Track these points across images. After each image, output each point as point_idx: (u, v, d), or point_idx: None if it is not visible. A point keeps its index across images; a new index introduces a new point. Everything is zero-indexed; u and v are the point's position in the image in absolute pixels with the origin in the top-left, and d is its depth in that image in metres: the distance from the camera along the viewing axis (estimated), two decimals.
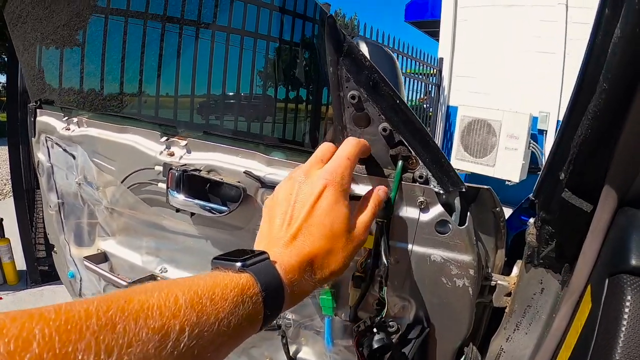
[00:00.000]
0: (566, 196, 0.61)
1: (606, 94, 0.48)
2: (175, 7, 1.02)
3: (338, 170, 0.63)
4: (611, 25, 0.45)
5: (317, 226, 0.59)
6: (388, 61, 0.85)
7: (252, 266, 0.50)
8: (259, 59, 0.99)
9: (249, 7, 0.94)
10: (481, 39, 6.83)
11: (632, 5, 0.41)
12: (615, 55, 0.45)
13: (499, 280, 0.81)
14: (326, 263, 0.59)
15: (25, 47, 1.45)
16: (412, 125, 0.68)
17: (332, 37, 0.67)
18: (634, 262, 0.50)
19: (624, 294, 0.48)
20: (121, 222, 1.28)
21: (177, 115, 1.10)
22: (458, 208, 0.74)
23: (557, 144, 0.61)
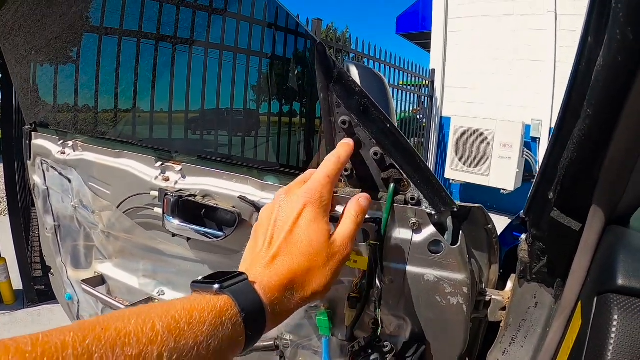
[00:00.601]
0: (555, 215, 0.63)
1: (590, 119, 0.50)
2: (169, 28, 1.03)
3: (317, 188, 0.63)
4: (594, 53, 0.46)
5: (296, 244, 0.59)
6: (378, 84, 0.86)
7: (230, 287, 0.49)
8: (253, 85, 1.01)
9: (242, 36, 0.95)
10: (472, 50, 6.91)
11: (614, 35, 0.42)
12: (598, 82, 0.47)
13: (493, 295, 0.82)
14: (307, 281, 0.58)
15: (18, 62, 1.45)
16: (403, 148, 0.69)
17: (322, 64, 0.68)
18: (621, 282, 0.51)
19: (611, 314, 0.49)
20: (118, 245, 1.28)
21: (172, 140, 1.11)
22: (450, 227, 0.75)
23: (545, 165, 0.62)
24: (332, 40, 5.57)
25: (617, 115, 0.48)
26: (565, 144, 0.55)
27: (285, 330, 0.97)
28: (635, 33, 0.41)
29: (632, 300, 0.50)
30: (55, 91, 1.40)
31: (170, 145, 1.09)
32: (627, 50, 0.42)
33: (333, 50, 5.43)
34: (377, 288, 0.72)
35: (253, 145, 1.06)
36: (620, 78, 0.45)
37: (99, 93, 1.25)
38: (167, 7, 1.01)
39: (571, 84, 0.53)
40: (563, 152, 0.56)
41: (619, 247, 0.56)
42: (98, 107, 1.27)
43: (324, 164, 0.67)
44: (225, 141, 1.09)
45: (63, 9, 1.19)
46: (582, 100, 0.50)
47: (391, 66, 6.52)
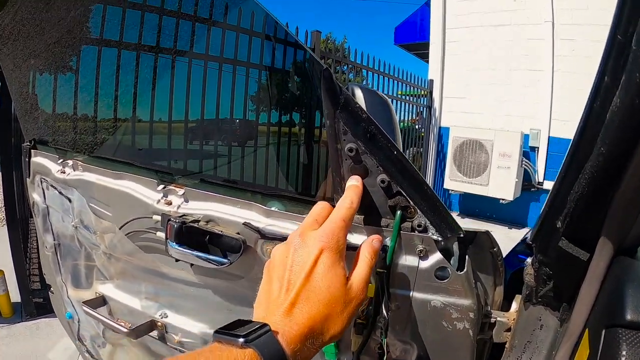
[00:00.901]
0: (563, 245, 0.63)
1: (603, 157, 0.50)
2: (171, 42, 1.03)
3: (334, 232, 0.62)
4: (610, 93, 0.47)
5: (315, 291, 0.59)
6: (383, 107, 0.86)
7: (255, 341, 0.49)
8: (257, 110, 1.01)
9: (252, 63, 0.96)
10: (470, 60, 6.95)
11: (633, 78, 0.42)
12: (613, 122, 0.47)
13: (498, 317, 0.81)
14: (326, 328, 0.58)
15: (16, 74, 1.44)
16: (410, 176, 0.69)
17: (328, 90, 0.68)
18: (629, 317, 0.51)
19: (619, 349, 0.49)
20: (119, 266, 1.27)
21: (174, 163, 1.11)
22: (457, 253, 0.75)
23: (554, 196, 0.62)
24: (330, 51, 5.57)
25: (630, 153, 0.48)
26: (575, 178, 0.56)
27: None
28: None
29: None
30: (54, 108, 1.40)
31: (172, 168, 1.08)
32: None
33: (331, 62, 5.44)
34: (384, 318, 0.72)
35: (257, 169, 1.05)
36: (636, 120, 0.45)
37: (98, 112, 1.25)
38: (167, 20, 1.01)
39: (584, 121, 0.53)
40: (573, 186, 0.57)
41: (628, 279, 0.56)
42: (98, 126, 1.26)
43: (337, 208, 0.67)
44: (229, 165, 1.08)
45: (61, 13, 1.19)
46: (595, 138, 0.50)
47: (389, 77, 6.54)
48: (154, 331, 1.19)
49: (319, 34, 5.02)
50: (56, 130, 1.40)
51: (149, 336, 1.21)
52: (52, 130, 1.42)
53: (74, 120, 1.33)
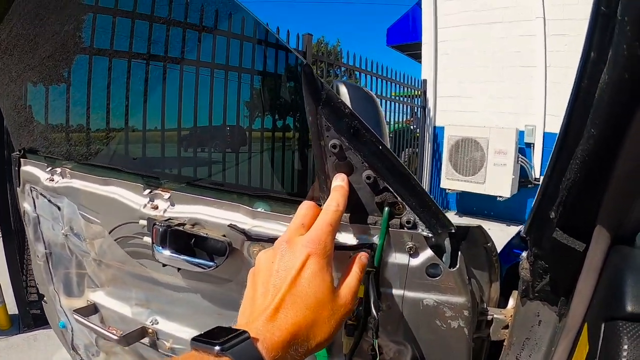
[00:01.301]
0: (557, 236, 0.61)
1: (594, 139, 0.48)
2: (158, 54, 1.02)
3: (321, 238, 0.61)
4: (597, 69, 0.44)
5: (301, 297, 0.57)
6: (369, 103, 0.85)
7: (232, 348, 0.47)
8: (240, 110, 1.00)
9: (232, 60, 0.94)
10: (463, 58, 6.97)
11: (620, 51, 0.40)
12: (602, 101, 0.45)
13: (495, 314, 0.80)
14: (312, 335, 0.56)
15: (5, 87, 1.44)
16: (397, 171, 0.67)
17: (309, 86, 0.66)
18: (630, 308, 0.49)
19: (620, 342, 0.47)
20: (110, 273, 1.26)
21: (160, 167, 1.09)
22: (448, 249, 0.73)
23: (546, 185, 0.60)
24: (323, 54, 5.58)
25: (623, 134, 0.46)
26: (567, 164, 0.53)
27: None
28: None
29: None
30: (42, 116, 1.39)
31: (158, 172, 1.07)
32: (634, 66, 0.40)
33: (324, 64, 5.44)
34: (373, 317, 0.69)
35: (243, 170, 1.04)
36: (627, 96, 0.43)
37: (85, 120, 1.24)
38: (157, 29, 1.00)
39: (572, 103, 0.50)
40: (565, 173, 0.54)
41: (626, 269, 0.54)
42: (85, 133, 1.26)
43: (324, 212, 0.65)
44: (214, 167, 1.07)
45: (55, 27, 1.18)
46: (585, 120, 0.48)
47: (383, 78, 6.55)
48: (145, 338, 1.17)
49: (310, 37, 5.02)
50: (45, 139, 1.39)
51: (141, 343, 1.19)
52: (41, 138, 1.41)
53: (63, 129, 1.33)
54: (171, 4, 0.97)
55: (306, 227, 0.64)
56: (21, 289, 3.32)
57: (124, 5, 1.05)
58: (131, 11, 1.04)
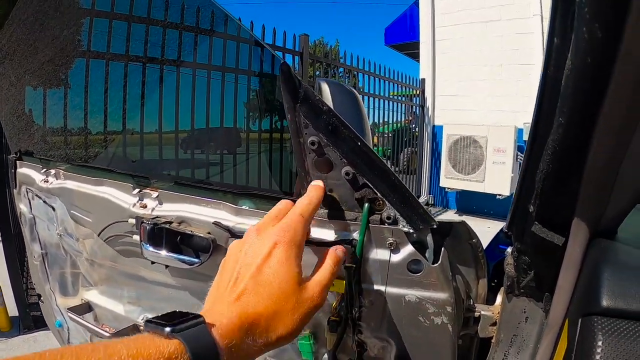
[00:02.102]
0: (536, 229, 0.60)
1: (563, 128, 0.46)
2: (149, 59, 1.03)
3: (290, 226, 0.60)
4: (562, 56, 0.43)
5: (263, 285, 0.56)
6: (350, 99, 0.85)
7: (184, 331, 0.45)
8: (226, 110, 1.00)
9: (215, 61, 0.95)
10: (461, 57, 6.97)
11: (581, 35, 0.38)
12: (568, 88, 0.43)
13: (482, 310, 0.80)
14: (272, 326, 0.55)
15: (11, 86, 1.45)
16: (376, 167, 0.67)
17: (287, 84, 0.66)
18: (605, 303, 0.48)
19: (595, 339, 0.46)
20: (102, 272, 1.27)
21: (148, 167, 1.10)
22: (431, 245, 0.73)
23: (522, 178, 0.59)
24: (320, 54, 5.60)
25: (592, 122, 0.44)
26: (540, 155, 0.52)
27: (269, 355, 0.94)
28: (604, 30, 0.37)
29: (618, 323, 0.47)
30: (38, 119, 1.41)
31: (147, 172, 1.07)
32: (596, 50, 0.38)
33: (321, 65, 5.45)
34: (352, 313, 0.69)
35: (228, 169, 1.04)
36: (592, 81, 0.41)
37: (78, 122, 1.26)
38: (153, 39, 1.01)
39: (541, 91, 0.49)
40: (539, 164, 0.53)
41: (604, 263, 0.53)
42: (78, 135, 1.27)
43: (297, 204, 0.65)
44: (201, 166, 1.07)
45: (55, 31, 1.19)
46: (554, 108, 0.47)
47: (381, 78, 6.56)
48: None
49: (306, 37, 5.03)
50: (40, 141, 1.41)
51: None
52: (36, 140, 1.42)
53: (58, 132, 1.35)
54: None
55: (279, 220, 0.63)
56: (21, 291, 3.33)
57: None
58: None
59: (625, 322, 0.47)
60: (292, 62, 4.97)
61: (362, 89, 6.52)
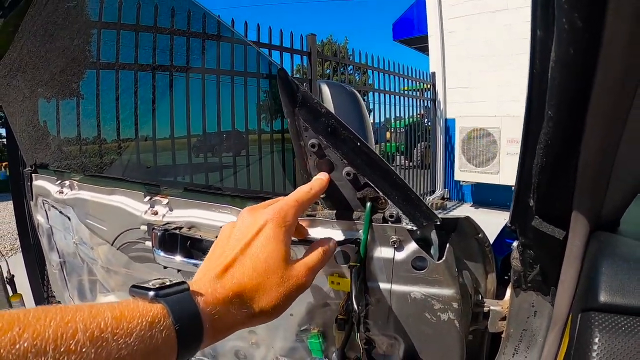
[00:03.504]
0: (536, 224, 0.60)
1: (553, 121, 0.46)
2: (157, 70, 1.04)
3: (283, 208, 0.62)
4: (546, 47, 0.43)
5: (250, 258, 0.57)
6: (351, 100, 0.86)
7: (168, 297, 0.46)
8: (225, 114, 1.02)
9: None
10: (470, 48, 6.88)
11: (561, 26, 0.38)
12: (554, 80, 0.43)
13: (492, 305, 0.80)
14: (256, 298, 0.56)
15: (14, 107, 1.48)
16: (377, 166, 0.68)
17: (285, 89, 0.68)
18: (603, 299, 0.48)
19: (592, 335, 0.46)
20: (118, 279, 1.29)
21: (158, 175, 1.12)
22: (436, 241, 0.73)
23: (520, 172, 0.59)
24: (329, 53, 5.62)
25: (582, 114, 0.44)
26: (534, 149, 0.52)
27: (280, 354, 0.96)
28: (585, 19, 0.36)
29: (616, 319, 0.47)
30: (51, 132, 1.44)
31: (157, 179, 1.10)
32: (578, 41, 0.38)
33: (330, 63, 5.47)
34: (355, 310, 0.70)
35: (234, 173, 1.06)
36: (577, 73, 0.41)
37: (91, 132, 1.28)
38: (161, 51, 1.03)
39: (530, 85, 0.49)
40: (534, 158, 0.53)
41: (603, 257, 0.53)
42: (91, 146, 1.30)
43: (295, 191, 0.66)
44: (210, 172, 1.09)
45: (65, 42, 1.22)
46: (543, 102, 0.46)
47: (391, 73, 6.54)
48: None
49: (314, 37, 5.04)
50: (54, 154, 1.44)
51: None
52: (50, 153, 1.45)
53: (70, 144, 1.37)
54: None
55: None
56: (42, 300, 3.38)
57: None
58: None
59: (623, 318, 0.46)
60: (300, 62, 4.99)
61: (372, 86, 6.51)
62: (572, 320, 0.56)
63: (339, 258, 0.76)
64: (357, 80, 7.12)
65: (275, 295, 0.57)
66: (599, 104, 0.43)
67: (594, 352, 0.45)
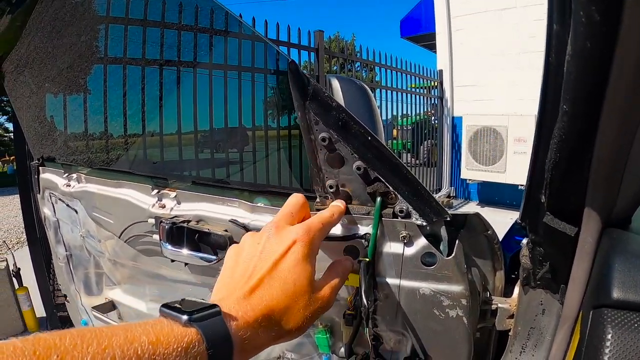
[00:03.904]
0: (548, 220, 0.59)
1: (568, 116, 0.46)
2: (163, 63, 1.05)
3: (311, 229, 0.61)
4: (562, 41, 0.42)
5: (279, 281, 0.57)
6: (361, 95, 0.85)
7: (201, 321, 0.46)
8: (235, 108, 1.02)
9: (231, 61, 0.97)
10: (478, 46, 6.86)
11: (579, 19, 0.38)
12: (570, 74, 0.43)
13: (500, 303, 0.79)
14: (284, 320, 0.56)
15: (22, 101, 1.49)
16: (387, 161, 0.67)
17: (296, 82, 0.67)
18: (616, 295, 0.48)
19: (604, 332, 0.46)
20: (125, 272, 1.30)
21: (166, 168, 1.12)
22: (445, 237, 0.73)
23: (532, 168, 0.59)
24: (336, 49, 5.61)
25: (597, 109, 0.44)
26: (548, 145, 0.52)
27: (287, 349, 0.96)
28: (602, 13, 0.36)
29: (629, 315, 0.46)
30: (58, 126, 1.44)
31: (165, 173, 1.10)
32: (595, 34, 0.38)
33: (338, 60, 5.46)
34: (364, 305, 0.70)
35: (243, 167, 1.06)
36: (594, 67, 0.41)
37: (98, 126, 1.29)
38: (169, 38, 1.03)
39: (545, 79, 0.49)
40: (547, 153, 0.53)
41: (615, 253, 0.52)
42: (98, 140, 1.30)
43: (318, 214, 0.67)
44: (217, 166, 1.09)
45: (72, 38, 1.22)
46: (558, 96, 0.46)
47: (399, 71, 6.53)
48: None
49: (321, 33, 5.04)
50: (61, 147, 1.44)
51: None
52: (57, 146, 1.46)
53: (78, 138, 1.38)
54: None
55: (295, 217, 0.65)
56: (48, 293, 3.40)
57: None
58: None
59: (636, 315, 0.46)
60: (308, 59, 4.99)
61: (380, 83, 6.50)
62: (583, 318, 0.55)
63: (348, 253, 0.75)
64: (364, 77, 7.11)
65: (302, 317, 0.58)
66: (615, 99, 0.42)
67: (607, 349, 0.45)
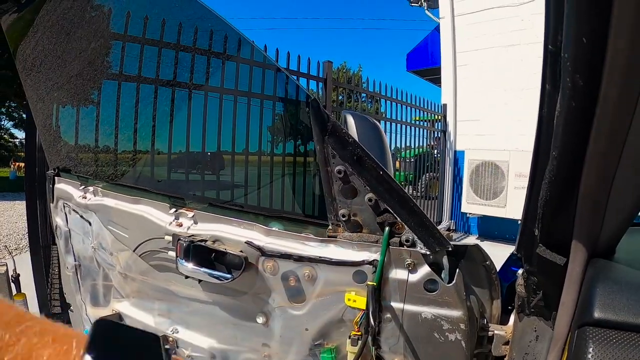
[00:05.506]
0: (540, 251, 0.66)
1: (557, 161, 0.54)
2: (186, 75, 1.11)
3: None
4: (553, 99, 0.50)
5: None
6: (373, 131, 0.92)
7: None
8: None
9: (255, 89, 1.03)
10: (482, 82, 6.90)
11: (566, 83, 0.46)
12: (559, 126, 0.51)
13: (496, 330, 0.84)
14: None
15: (40, 105, 1.53)
16: (396, 194, 0.74)
17: (317, 118, 0.74)
18: (597, 315, 0.54)
19: (587, 347, 0.52)
20: (134, 285, 1.33)
21: (185, 189, 1.17)
22: (447, 266, 0.78)
23: (528, 203, 0.66)
24: (343, 80, 5.66)
25: (581, 155, 0.52)
26: (540, 184, 0.60)
27: None
28: (585, 79, 0.44)
29: (608, 332, 0.53)
30: (76, 139, 1.49)
31: (183, 193, 1.15)
32: (579, 95, 0.46)
33: (344, 90, 5.53)
34: (371, 326, 0.75)
35: (260, 193, 1.11)
36: (578, 121, 0.48)
37: (117, 143, 1.33)
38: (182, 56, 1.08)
39: (539, 128, 0.57)
40: (539, 192, 0.60)
41: (598, 280, 0.59)
42: (117, 156, 1.35)
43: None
44: (235, 189, 1.14)
45: (82, 44, 1.28)
46: (549, 143, 0.54)
47: (403, 103, 6.57)
48: (166, 346, 1.23)
49: (330, 64, 5.09)
50: (78, 160, 1.49)
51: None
52: (74, 159, 1.50)
53: (95, 151, 1.42)
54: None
55: None
56: (46, 301, 3.39)
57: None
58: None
59: (615, 332, 0.53)
60: (315, 88, 5.01)
61: (384, 115, 6.55)
62: (570, 337, 0.62)
63: (355, 277, 0.81)
64: (369, 108, 7.15)
65: None
66: (595, 149, 0.50)
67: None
